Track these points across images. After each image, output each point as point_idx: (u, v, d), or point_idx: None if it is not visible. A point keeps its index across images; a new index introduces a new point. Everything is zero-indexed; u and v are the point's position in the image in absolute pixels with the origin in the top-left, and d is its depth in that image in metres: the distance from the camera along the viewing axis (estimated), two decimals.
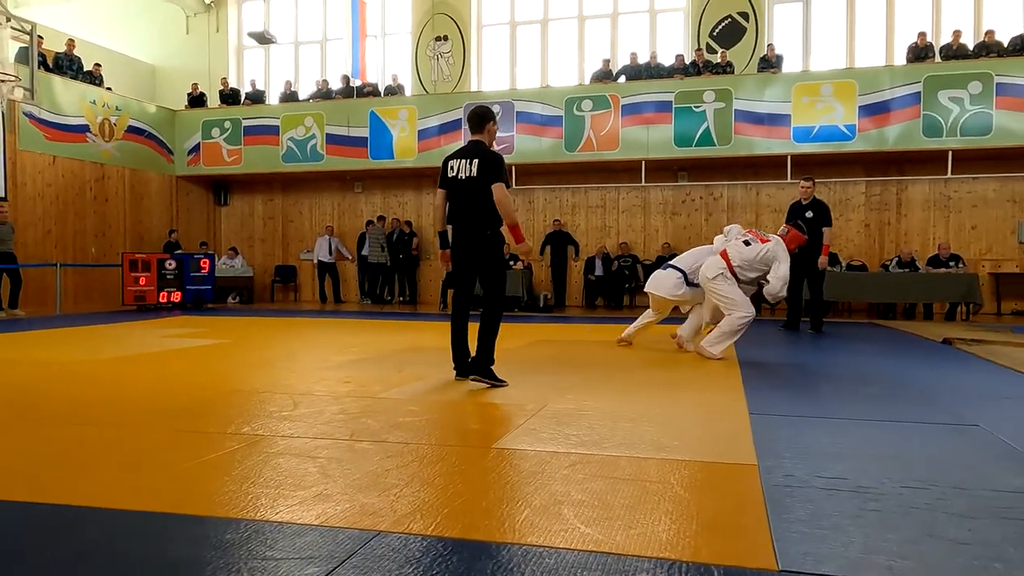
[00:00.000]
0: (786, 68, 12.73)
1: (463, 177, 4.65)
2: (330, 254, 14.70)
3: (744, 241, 6.11)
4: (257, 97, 15.40)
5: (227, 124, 14.78)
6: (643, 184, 13.00)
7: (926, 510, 2.27)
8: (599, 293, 13.45)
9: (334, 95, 14.76)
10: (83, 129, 13.17)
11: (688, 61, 13.05)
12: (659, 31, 14.48)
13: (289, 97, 15.06)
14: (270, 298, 15.52)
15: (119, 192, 13.95)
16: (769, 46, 12.95)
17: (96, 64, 13.97)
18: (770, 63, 12.56)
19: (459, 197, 4.70)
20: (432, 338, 7.89)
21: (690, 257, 6.61)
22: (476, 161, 4.61)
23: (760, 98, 12.08)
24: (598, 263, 13.35)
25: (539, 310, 12.62)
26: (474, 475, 2.68)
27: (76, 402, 4.20)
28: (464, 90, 14.65)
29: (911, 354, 6.47)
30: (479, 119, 4.75)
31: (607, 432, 3.35)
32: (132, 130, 14.17)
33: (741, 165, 12.88)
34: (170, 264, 12.75)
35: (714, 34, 13.78)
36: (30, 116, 12.24)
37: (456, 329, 4.90)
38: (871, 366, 5.70)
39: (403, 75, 15.19)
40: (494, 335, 4.70)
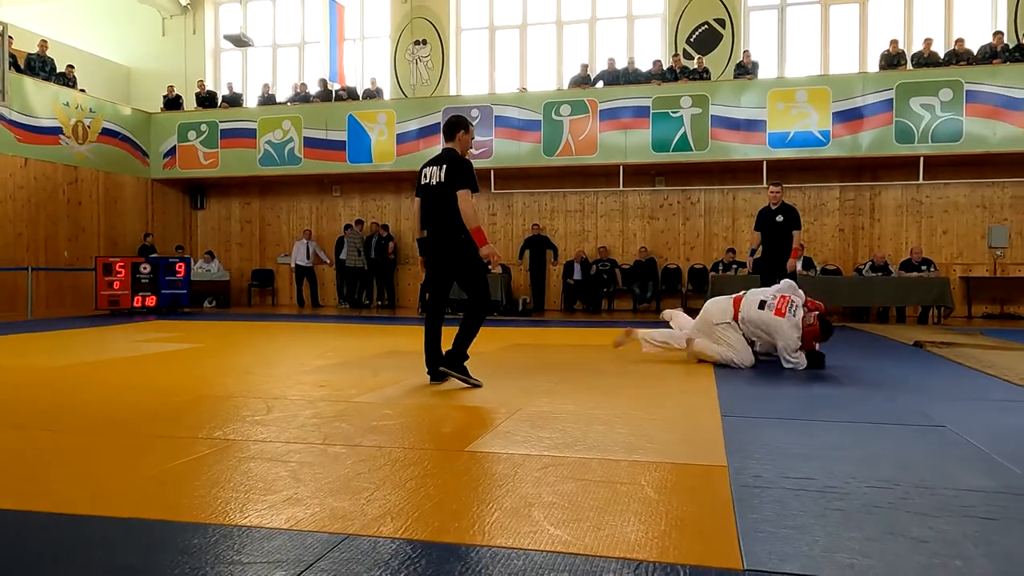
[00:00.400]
0: (762, 74, 12.88)
1: (434, 183, 4.75)
2: (308, 258, 14.62)
3: (761, 300, 5.71)
4: (234, 100, 15.29)
5: (203, 127, 14.66)
6: (621, 188, 13.08)
7: (889, 509, 2.31)
8: (578, 297, 13.50)
9: (312, 98, 14.71)
10: (56, 131, 13.00)
11: (666, 67, 13.15)
12: (636, 37, 14.59)
13: (267, 100, 14.98)
14: (247, 302, 15.40)
15: (93, 195, 13.78)
16: (745, 52, 13.10)
17: (69, 65, 13.80)
18: (746, 69, 12.70)
19: (430, 203, 4.80)
20: (410, 342, 7.88)
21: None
22: (445, 167, 4.72)
23: (736, 104, 12.21)
24: (577, 267, 13.40)
25: (518, 314, 12.64)
26: (446, 478, 2.68)
27: (44, 408, 4.14)
28: (443, 94, 14.66)
29: (883, 357, 6.56)
30: (450, 127, 4.86)
31: (580, 435, 3.37)
32: (106, 132, 14.01)
33: (718, 170, 13.00)
34: (145, 268, 12.61)
35: (691, 40, 13.91)
36: (1, 118, 12.06)
37: (429, 333, 4.93)
38: (843, 369, 5.77)
39: (382, 79, 15.17)
40: (472, 335, 4.77)
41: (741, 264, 12.09)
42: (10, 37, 11.48)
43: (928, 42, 12.34)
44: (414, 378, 5.13)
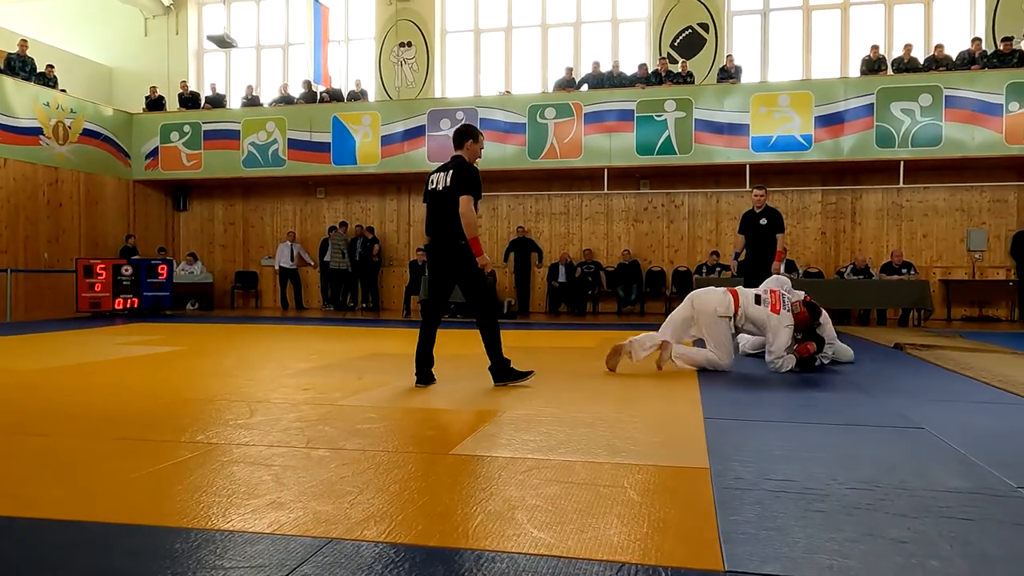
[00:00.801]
0: (745, 79, 12.97)
1: (440, 189, 4.83)
2: (292, 260, 14.55)
3: (756, 295, 5.82)
4: (217, 101, 15.19)
5: (186, 128, 14.55)
6: (606, 191, 13.12)
7: (869, 510, 2.34)
8: (562, 299, 13.53)
9: (296, 100, 14.64)
10: (36, 132, 12.85)
11: (651, 71, 13.21)
12: (621, 40, 14.65)
13: (251, 102, 14.89)
14: (230, 305, 15.29)
15: (73, 196, 13.63)
16: (728, 57, 13.19)
17: (49, 65, 13.65)
18: (729, 74, 12.79)
19: (434, 208, 4.87)
20: (394, 345, 7.86)
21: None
22: (451, 173, 4.79)
23: (720, 108, 12.29)
24: (561, 269, 13.43)
25: (503, 316, 12.64)
26: (430, 481, 2.68)
27: (23, 411, 4.10)
28: (428, 96, 14.65)
29: (863, 359, 6.62)
30: (460, 135, 4.94)
31: (563, 437, 3.38)
32: (87, 133, 13.87)
33: (701, 173, 13.07)
34: (126, 270, 12.50)
35: (675, 44, 13.99)
36: None
37: (424, 337, 4.97)
38: (824, 371, 5.83)
39: (366, 81, 15.13)
40: (497, 339, 4.86)
41: (725, 267, 12.17)
42: None
43: (908, 48, 12.49)
44: (398, 381, 5.12)
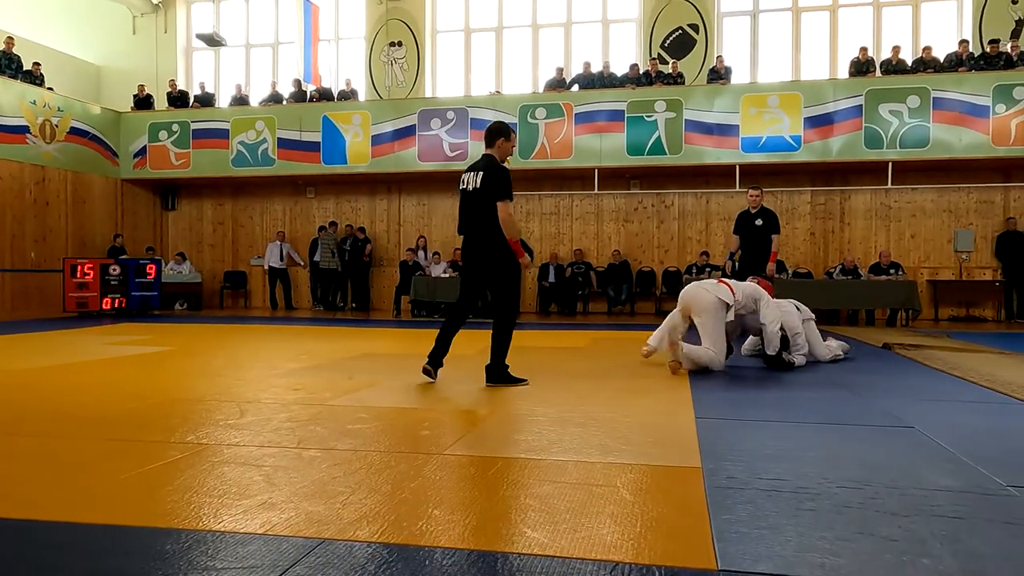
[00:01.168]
0: (734, 80, 13.02)
1: (470, 189, 4.85)
2: (281, 260, 14.49)
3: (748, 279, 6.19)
4: (206, 100, 15.11)
5: (175, 127, 14.47)
6: (596, 192, 13.14)
7: (860, 509, 2.35)
8: (552, 299, 13.53)
9: (285, 99, 14.58)
10: (22, 130, 12.74)
11: (641, 71, 13.24)
12: (611, 41, 14.67)
13: (240, 102, 14.83)
14: (219, 305, 15.21)
15: (61, 195, 13.53)
16: (718, 58, 13.23)
17: (36, 63, 13.54)
18: (719, 74, 12.83)
19: (466, 208, 4.90)
20: (384, 345, 7.85)
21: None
22: (481, 174, 4.80)
23: (709, 108, 12.33)
24: (551, 269, 13.44)
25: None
26: (422, 481, 2.67)
27: (11, 412, 4.06)
28: (418, 96, 14.63)
29: (852, 359, 6.66)
30: (492, 134, 4.94)
31: (556, 437, 3.38)
32: (75, 132, 13.76)
33: (691, 174, 13.11)
34: (114, 270, 12.42)
35: (665, 45, 14.02)
36: None
37: (446, 330, 5.03)
38: (814, 370, 5.86)
39: (357, 80, 15.09)
40: (506, 344, 4.90)
41: (715, 267, 12.20)
42: None
43: (896, 50, 12.57)
44: (389, 381, 5.11)
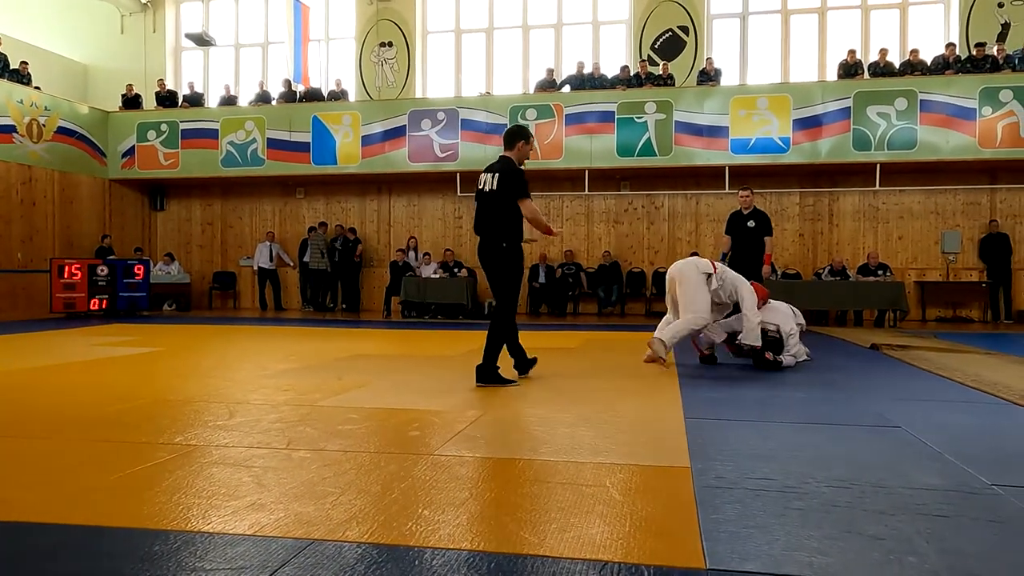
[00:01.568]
0: (724, 81, 13.06)
1: (487, 190, 4.95)
2: (271, 260, 14.43)
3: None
4: (195, 100, 15.03)
5: (164, 127, 14.39)
6: (586, 193, 13.16)
7: (847, 508, 2.37)
8: (543, 300, 13.54)
9: (273, 99, 14.52)
10: (9, 129, 12.64)
11: (632, 73, 13.27)
12: (602, 42, 14.70)
13: (229, 102, 14.76)
14: (208, 305, 15.13)
15: (48, 195, 13.43)
16: (708, 60, 13.28)
17: (23, 62, 13.44)
18: (709, 76, 12.88)
19: (481, 208, 5.01)
20: (375, 346, 7.84)
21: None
22: (498, 175, 4.90)
23: (699, 110, 12.37)
24: (542, 271, 13.45)
25: (483, 317, 12.63)
26: (412, 482, 2.67)
27: None
28: (409, 96, 14.61)
29: (841, 359, 6.71)
30: (511, 136, 5.08)
31: (545, 437, 3.39)
32: (62, 131, 13.67)
33: (681, 175, 13.15)
34: (102, 270, 12.34)
35: (655, 47, 14.06)
36: None
37: (508, 340, 5.14)
38: (803, 371, 5.89)
39: (347, 80, 15.05)
40: (499, 345, 4.95)
41: None
42: None
43: (884, 52, 12.65)
44: (379, 382, 5.11)
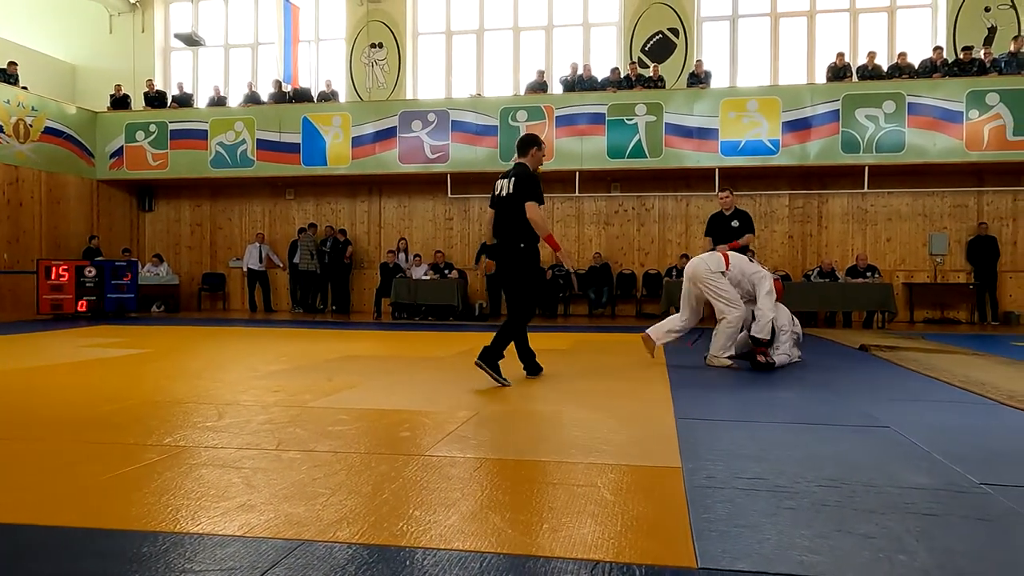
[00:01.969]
0: (714, 84, 13.11)
1: (504, 195, 5.17)
2: (260, 262, 14.36)
3: (750, 257, 6.42)
4: (184, 100, 14.96)
5: (152, 127, 14.31)
6: (577, 194, 13.18)
7: (837, 507, 2.38)
8: None
9: (262, 99, 14.47)
10: None
11: (623, 75, 13.30)
12: (593, 44, 14.73)
13: (218, 102, 14.70)
14: (197, 307, 15.06)
15: (35, 196, 13.33)
16: (698, 62, 13.33)
17: (11, 62, 13.34)
18: (699, 78, 12.93)
19: (499, 212, 5.24)
20: (365, 347, 7.81)
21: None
22: (513, 179, 5.13)
23: (689, 112, 12.42)
24: None
25: (474, 319, 12.63)
26: (403, 483, 2.66)
27: None
28: (399, 98, 14.59)
29: (830, 360, 6.74)
30: (524, 144, 5.33)
31: (537, 438, 3.38)
32: (49, 131, 13.57)
33: (672, 177, 13.19)
34: (90, 271, 12.25)
35: (645, 49, 14.10)
36: None
37: (518, 343, 5.35)
38: (792, 371, 5.91)
39: (337, 81, 15.01)
40: (509, 339, 5.12)
41: None
42: None
43: (872, 55, 12.74)
44: (369, 382, 5.09)
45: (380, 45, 15.09)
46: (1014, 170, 11.95)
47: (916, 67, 12.41)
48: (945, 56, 12.46)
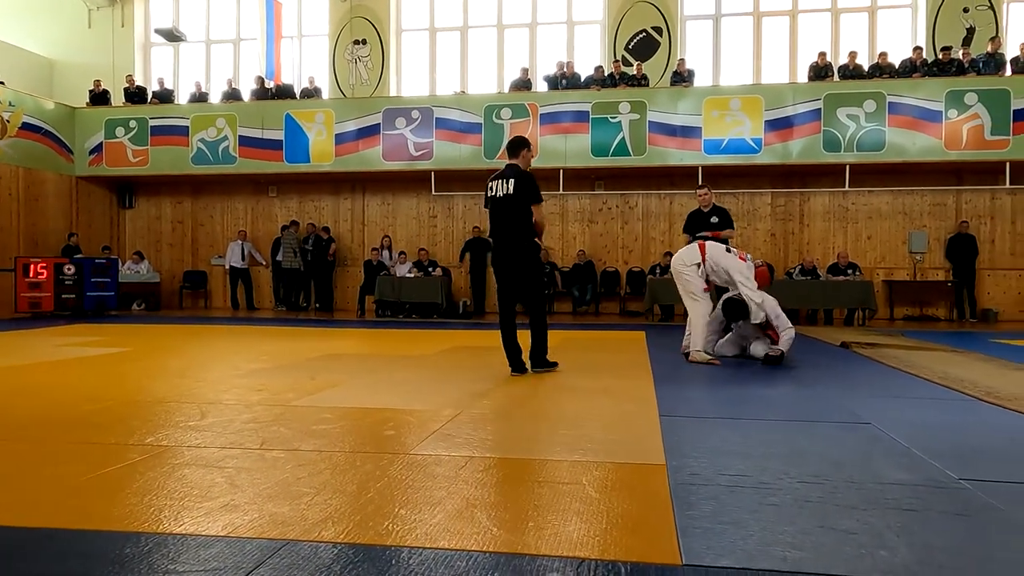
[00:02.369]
0: (697, 82, 13.17)
1: (501, 195, 5.33)
2: (243, 259, 14.26)
3: (726, 248, 6.50)
4: (165, 96, 14.81)
5: (132, 123, 14.15)
6: (561, 192, 13.19)
7: (819, 503, 2.40)
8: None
9: (241, 96, 14.34)
10: None
11: (607, 73, 13.32)
12: (577, 42, 14.75)
13: (200, 99, 14.56)
14: (178, 305, 14.92)
15: (12, 192, 13.14)
16: (681, 60, 13.38)
17: None
18: (682, 77, 12.97)
19: (498, 213, 5.39)
20: (349, 345, 7.78)
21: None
22: (512, 181, 5.31)
23: (673, 111, 12.47)
24: None
25: (458, 316, 12.61)
26: (388, 481, 2.66)
27: None
28: (383, 95, 14.53)
29: (812, 357, 6.80)
30: (515, 146, 5.54)
31: (522, 436, 3.39)
32: (27, 127, 13.38)
33: (655, 175, 13.24)
34: (69, 269, 12.11)
35: (629, 47, 14.14)
36: None
37: (506, 332, 5.47)
38: (775, 368, 5.96)
39: (320, 78, 14.92)
40: (545, 335, 5.50)
41: None
42: None
43: (853, 55, 12.85)
44: (353, 381, 5.07)
45: (363, 41, 15.02)
46: (992, 169, 12.10)
47: (896, 67, 12.53)
48: (925, 56, 12.60)
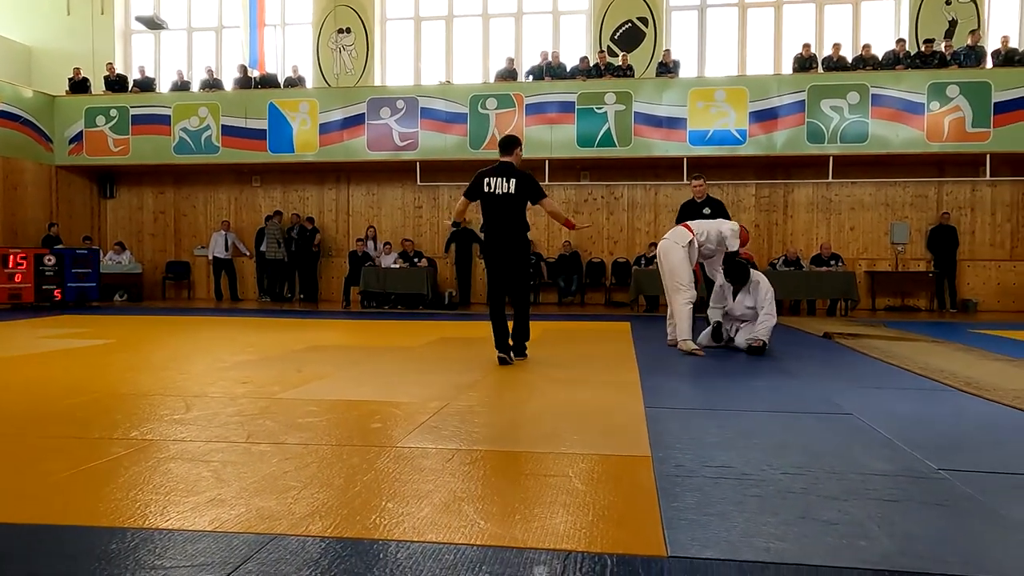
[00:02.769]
0: (683, 73, 13.19)
1: (500, 192, 5.56)
2: (226, 250, 14.15)
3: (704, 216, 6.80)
4: (146, 85, 14.62)
5: (113, 112, 13.97)
6: (546, 183, 13.13)
7: (802, 494, 2.43)
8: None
9: (222, 85, 14.20)
10: None
11: (592, 63, 13.31)
12: (562, 32, 14.71)
13: (181, 87, 14.40)
14: (161, 296, 14.80)
15: None
16: (666, 51, 13.38)
17: None
18: (668, 68, 12.99)
19: (496, 209, 5.61)
20: (334, 337, 7.76)
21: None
22: (513, 180, 5.55)
23: (658, 102, 12.48)
24: None
25: (443, 307, 12.61)
26: (375, 475, 2.66)
27: None
28: (367, 84, 14.43)
29: (794, 348, 6.86)
30: (508, 144, 5.79)
31: (508, 428, 3.40)
32: (5, 115, 13.17)
33: (641, 166, 13.26)
34: (49, 259, 11.96)
35: (615, 38, 14.12)
36: None
37: (497, 320, 5.66)
38: (758, 359, 6.01)
39: (304, 67, 14.80)
40: (528, 326, 5.83)
41: None
42: None
43: (837, 47, 12.91)
44: (339, 373, 5.06)
45: (348, 30, 14.90)
46: (972, 161, 12.23)
47: (880, 59, 12.61)
48: (908, 48, 12.68)
